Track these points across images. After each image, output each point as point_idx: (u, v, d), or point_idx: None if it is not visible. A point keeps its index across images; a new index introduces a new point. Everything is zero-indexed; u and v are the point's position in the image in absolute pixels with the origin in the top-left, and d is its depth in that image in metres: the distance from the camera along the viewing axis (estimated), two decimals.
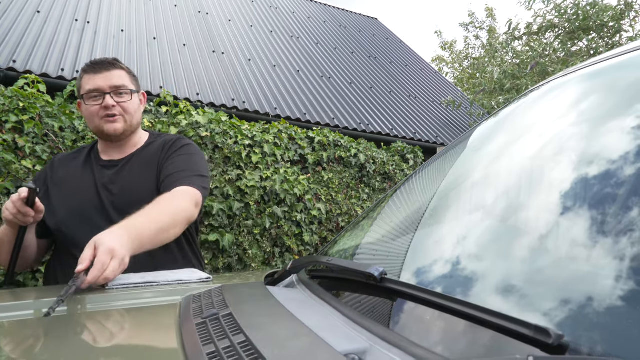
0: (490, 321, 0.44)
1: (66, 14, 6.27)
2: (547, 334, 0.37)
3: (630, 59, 0.85)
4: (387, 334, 0.55)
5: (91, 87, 1.31)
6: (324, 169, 3.57)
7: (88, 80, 1.33)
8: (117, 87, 1.33)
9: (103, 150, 1.42)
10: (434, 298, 0.54)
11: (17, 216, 1.12)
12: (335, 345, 0.52)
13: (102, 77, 1.32)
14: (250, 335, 0.55)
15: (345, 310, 0.67)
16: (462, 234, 0.70)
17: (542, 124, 0.86)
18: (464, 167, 1.02)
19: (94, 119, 1.33)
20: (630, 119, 0.64)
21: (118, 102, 1.32)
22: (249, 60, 7.20)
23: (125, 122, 1.34)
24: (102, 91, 1.31)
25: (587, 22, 7.77)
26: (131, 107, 1.36)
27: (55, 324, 0.68)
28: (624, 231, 0.46)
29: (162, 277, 0.96)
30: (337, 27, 10.88)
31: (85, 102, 1.32)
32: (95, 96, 1.31)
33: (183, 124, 2.89)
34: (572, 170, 0.62)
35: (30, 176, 2.27)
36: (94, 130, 1.37)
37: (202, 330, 0.60)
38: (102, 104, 1.30)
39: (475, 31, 16.82)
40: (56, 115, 2.50)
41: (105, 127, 1.32)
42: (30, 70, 4.55)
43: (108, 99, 1.30)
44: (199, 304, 0.76)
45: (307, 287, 0.87)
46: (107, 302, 0.80)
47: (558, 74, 1.11)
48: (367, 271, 0.67)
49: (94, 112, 1.32)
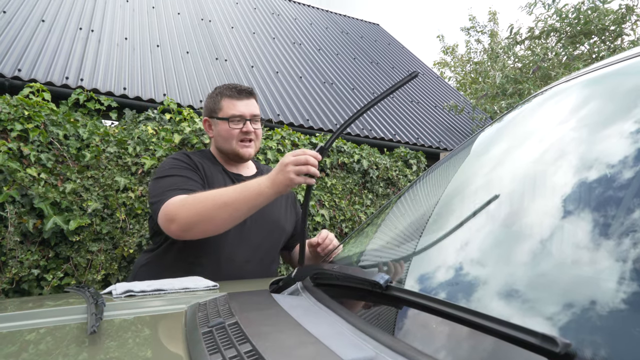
0: (497, 329, 0.44)
1: (70, 23, 6.32)
2: (554, 343, 0.37)
3: (633, 64, 0.86)
4: (392, 342, 0.55)
5: (235, 113, 1.44)
6: (327, 174, 3.57)
7: (230, 104, 1.45)
8: (256, 115, 1.47)
9: (227, 165, 1.51)
10: (440, 306, 0.54)
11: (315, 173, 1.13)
12: (341, 354, 0.52)
13: (244, 104, 1.45)
14: (257, 344, 0.55)
15: (351, 318, 0.67)
16: (466, 241, 0.70)
17: (546, 129, 0.87)
18: (469, 173, 1.02)
19: (231, 141, 1.44)
20: (633, 124, 0.65)
21: (254, 129, 1.46)
22: (251, 67, 7.24)
23: (256, 146, 1.49)
24: (244, 117, 1.44)
25: (588, 26, 7.78)
26: (260, 133, 1.51)
27: (62, 333, 0.69)
28: (630, 236, 0.46)
29: (168, 285, 0.96)
30: (339, 33, 10.92)
31: (230, 125, 1.43)
32: (237, 121, 1.44)
33: (186, 131, 2.91)
34: (579, 176, 0.62)
35: (35, 184, 2.28)
36: (227, 150, 1.46)
37: (209, 339, 0.61)
38: (242, 129, 1.43)
39: (477, 35, 16.88)
40: (61, 124, 2.52)
41: (241, 150, 1.45)
42: (35, 78, 4.59)
43: (249, 125, 1.44)
44: (204, 313, 0.76)
45: (312, 294, 0.87)
46: (113, 310, 0.81)
47: (561, 79, 1.11)
48: (373, 279, 0.67)
49: (234, 135, 1.44)
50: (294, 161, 1.11)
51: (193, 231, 1.17)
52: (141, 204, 2.62)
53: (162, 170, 1.35)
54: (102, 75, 5.22)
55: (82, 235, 2.42)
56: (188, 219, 1.15)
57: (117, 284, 0.98)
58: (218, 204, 1.14)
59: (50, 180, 2.37)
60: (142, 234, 2.58)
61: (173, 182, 1.30)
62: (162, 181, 1.31)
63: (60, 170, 2.43)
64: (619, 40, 8.13)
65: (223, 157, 1.51)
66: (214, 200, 1.15)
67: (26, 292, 2.29)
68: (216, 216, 1.15)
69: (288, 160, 1.12)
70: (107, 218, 2.52)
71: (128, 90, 5.12)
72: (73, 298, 0.96)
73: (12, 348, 0.61)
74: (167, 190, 1.26)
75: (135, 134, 2.77)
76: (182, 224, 1.15)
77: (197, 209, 1.15)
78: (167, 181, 1.30)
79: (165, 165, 1.37)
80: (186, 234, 1.18)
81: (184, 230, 1.16)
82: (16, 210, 2.25)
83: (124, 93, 5.02)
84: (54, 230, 2.33)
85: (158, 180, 1.32)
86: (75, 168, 2.47)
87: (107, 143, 2.64)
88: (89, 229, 2.44)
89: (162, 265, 1.35)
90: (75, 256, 2.40)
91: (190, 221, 1.15)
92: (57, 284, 2.33)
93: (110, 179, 2.54)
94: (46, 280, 2.32)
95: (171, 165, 1.36)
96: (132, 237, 2.55)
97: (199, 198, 1.17)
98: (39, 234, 2.32)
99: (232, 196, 1.15)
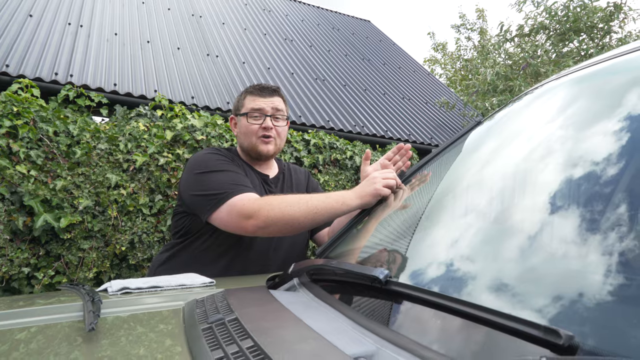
0: (498, 322, 0.45)
1: (59, 18, 6.23)
2: (558, 335, 0.37)
3: (622, 62, 0.87)
4: (394, 336, 0.55)
5: (255, 107, 1.43)
6: (320, 171, 3.57)
7: (252, 100, 1.45)
8: (278, 110, 1.46)
9: (253, 164, 1.50)
10: (441, 300, 0.55)
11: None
12: (343, 349, 0.52)
13: (266, 100, 1.45)
14: (258, 339, 0.55)
15: (350, 313, 0.67)
16: (466, 235, 0.71)
17: (541, 126, 0.87)
18: (467, 166, 1.02)
19: (251, 137, 1.44)
20: (620, 121, 0.65)
21: (275, 126, 1.45)
22: (243, 63, 7.20)
23: (276, 144, 1.47)
24: (264, 113, 1.43)
25: (577, 23, 7.85)
26: (283, 132, 1.49)
27: (59, 331, 0.68)
28: (629, 230, 0.46)
29: (164, 281, 0.95)
30: (331, 29, 10.90)
31: (248, 119, 1.43)
32: (256, 116, 1.43)
33: (179, 128, 2.89)
34: (581, 169, 0.63)
35: (25, 181, 2.25)
36: (247, 146, 1.46)
37: (209, 335, 0.60)
38: (262, 124, 1.43)
39: (467, 32, 16.93)
40: (50, 120, 2.49)
41: (260, 146, 1.44)
42: (24, 74, 4.51)
43: (268, 120, 1.43)
44: (203, 309, 0.76)
45: (309, 290, 0.87)
46: (110, 307, 0.80)
47: (552, 76, 1.13)
48: (372, 274, 0.67)
49: (253, 131, 1.43)
50: (382, 175, 1.23)
51: (270, 229, 1.21)
52: (133, 201, 2.60)
53: (208, 164, 1.34)
54: (92, 71, 5.16)
55: (73, 233, 2.39)
56: (271, 217, 1.18)
57: (112, 281, 0.97)
58: (308, 207, 1.20)
59: (40, 177, 2.34)
60: (134, 231, 2.57)
61: (232, 177, 1.30)
62: (216, 175, 1.30)
63: (51, 167, 2.40)
64: (607, 38, 8.22)
65: (246, 156, 1.51)
66: (306, 204, 1.20)
67: (16, 290, 2.26)
68: (299, 218, 1.20)
69: (376, 175, 1.23)
70: (98, 215, 2.49)
71: (119, 86, 5.06)
72: (66, 296, 0.95)
73: (4, 347, 0.61)
74: (232, 185, 1.27)
75: (127, 131, 2.74)
76: (263, 221, 1.19)
77: (281, 209, 1.19)
78: (225, 176, 1.30)
79: (209, 160, 1.36)
80: (262, 231, 1.22)
81: (261, 227, 1.20)
82: (5, 208, 2.22)
83: (115, 89, 4.96)
84: (44, 227, 2.30)
85: (209, 175, 1.31)
86: (66, 165, 2.44)
87: (98, 140, 2.61)
88: (80, 226, 2.42)
89: (188, 257, 1.37)
90: (66, 254, 2.37)
91: (273, 220, 1.19)
92: (48, 282, 2.30)
93: (101, 175, 2.52)
94: (37, 279, 2.30)
95: (218, 160, 1.36)
96: (124, 235, 2.54)
97: (285, 200, 1.22)
98: (29, 232, 2.29)
99: (317, 203, 1.21)
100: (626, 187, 0.55)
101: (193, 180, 1.33)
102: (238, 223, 1.22)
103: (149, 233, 2.62)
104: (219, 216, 1.25)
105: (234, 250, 1.35)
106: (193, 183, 1.33)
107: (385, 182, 1.21)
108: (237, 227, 1.24)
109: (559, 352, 0.37)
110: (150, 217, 2.66)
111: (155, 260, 1.47)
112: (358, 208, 1.22)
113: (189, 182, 1.34)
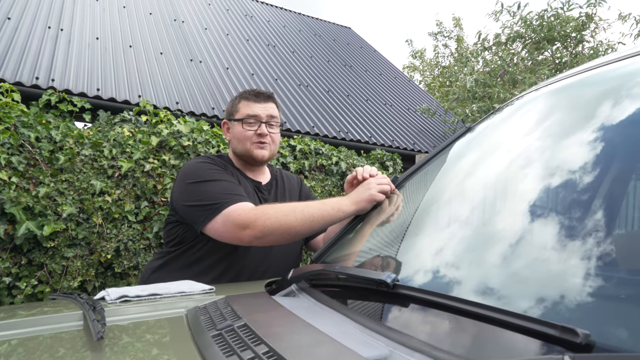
0: (513, 323, 0.46)
1: (38, 21, 6.09)
2: (575, 333, 0.39)
3: (599, 74, 0.91)
4: (405, 339, 0.56)
5: (250, 113, 1.44)
6: (306, 177, 3.58)
7: (247, 106, 1.45)
8: (273, 117, 1.46)
9: (245, 171, 1.49)
10: (452, 302, 0.56)
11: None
12: (359, 352, 0.53)
13: (261, 106, 1.45)
14: (273, 345, 0.55)
15: (356, 316, 0.68)
16: (473, 237, 0.72)
17: (541, 126, 0.90)
18: (466, 167, 1.05)
19: (246, 142, 1.43)
20: (594, 131, 0.69)
21: (269, 133, 1.45)
22: (227, 69, 7.17)
23: (270, 150, 1.47)
24: (260, 119, 1.44)
25: (551, 32, 8.11)
26: (277, 138, 1.50)
27: (65, 340, 0.67)
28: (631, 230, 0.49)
29: (163, 289, 0.94)
30: (312, 35, 10.96)
31: (243, 125, 1.43)
32: (251, 122, 1.44)
33: (164, 133, 2.86)
34: (575, 173, 0.66)
35: (6, 188, 2.19)
36: (241, 151, 1.45)
37: (221, 342, 0.60)
38: (256, 131, 1.43)
39: (444, 40, 17.24)
40: (32, 125, 2.43)
41: (255, 152, 1.43)
42: (3, 78, 4.40)
43: (263, 127, 1.43)
44: (207, 316, 0.76)
45: (310, 295, 0.88)
46: (111, 316, 0.79)
47: (530, 88, 1.17)
48: (379, 278, 0.68)
49: (248, 137, 1.43)
50: (376, 181, 1.25)
51: (267, 238, 1.20)
52: (118, 207, 2.55)
53: (200, 174, 1.32)
54: (74, 76, 5.06)
55: (57, 241, 2.34)
56: (268, 227, 1.18)
57: (108, 289, 0.96)
58: (304, 216, 1.20)
59: (22, 184, 2.29)
60: (119, 238, 2.52)
61: (226, 187, 1.29)
62: (210, 185, 1.28)
63: (33, 173, 2.34)
64: (580, 47, 8.51)
65: (239, 162, 1.50)
66: (302, 212, 1.20)
67: None
68: (296, 227, 1.20)
69: (371, 180, 1.26)
70: (82, 223, 2.44)
71: (102, 91, 4.97)
72: (63, 305, 0.93)
73: (13, 358, 0.59)
74: (226, 194, 1.26)
75: (111, 137, 2.70)
76: (260, 231, 1.18)
77: (278, 219, 1.18)
78: (219, 185, 1.28)
79: (201, 169, 1.34)
80: (259, 241, 1.21)
81: (258, 237, 1.20)
82: None
83: (98, 94, 4.87)
84: (26, 236, 2.24)
85: (202, 184, 1.29)
86: (49, 171, 2.38)
87: (81, 145, 2.56)
88: (64, 234, 2.36)
89: (182, 265, 1.35)
90: (49, 263, 2.31)
91: (270, 230, 1.18)
92: (30, 292, 2.24)
93: (85, 182, 2.47)
94: (19, 289, 2.23)
95: (210, 169, 1.35)
96: (109, 242, 2.49)
97: (281, 209, 1.22)
98: (10, 240, 2.23)
99: (313, 211, 1.22)
100: (629, 190, 0.58)
101: (186, 190, 1.31)
102: (234, 233, 1.21)
103: (134, 240, 2.57)
104: (214, 227, 1.23)
105: (229, 258, 1.34)
106: (186, 193, 1.31)
107: (379, 187, 1.23)
108: (233, 238, 1.22)
109: (576, 351, 0.39)
110: (136, 224, 2.61)
111: (147, 267, 1.45)
112: (354, 214, 1.23)
113: (182, 192, 1.32)
